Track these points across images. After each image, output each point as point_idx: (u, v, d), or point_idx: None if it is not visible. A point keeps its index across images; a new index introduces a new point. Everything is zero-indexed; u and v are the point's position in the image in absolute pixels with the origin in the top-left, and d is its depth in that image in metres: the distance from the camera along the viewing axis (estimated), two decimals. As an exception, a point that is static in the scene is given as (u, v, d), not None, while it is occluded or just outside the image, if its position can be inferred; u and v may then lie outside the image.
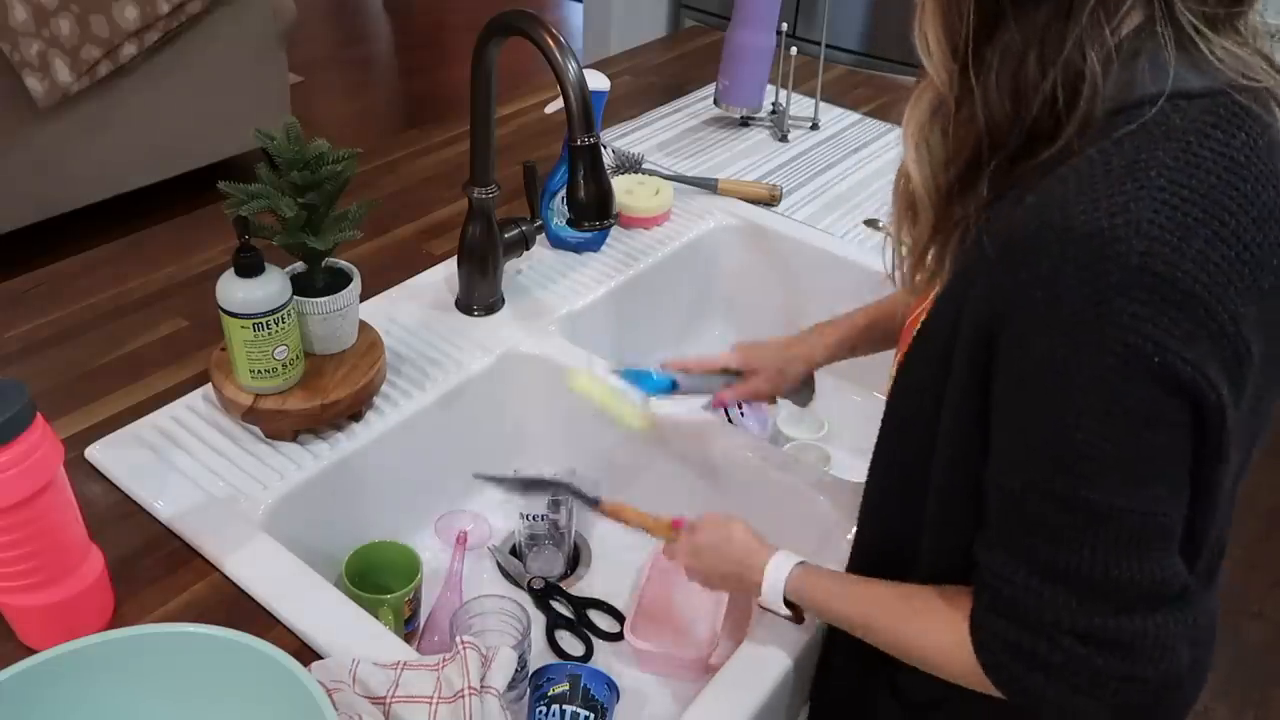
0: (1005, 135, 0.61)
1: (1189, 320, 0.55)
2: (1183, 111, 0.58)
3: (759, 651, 0.84)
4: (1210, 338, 0.56)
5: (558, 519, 1.08)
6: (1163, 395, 0.57)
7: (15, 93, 2.58)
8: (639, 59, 1.92)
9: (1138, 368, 0.56)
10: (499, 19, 0.97)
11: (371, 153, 1.51)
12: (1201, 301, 0.55)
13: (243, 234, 0.89)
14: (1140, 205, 0.55)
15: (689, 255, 1.38)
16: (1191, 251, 0.55)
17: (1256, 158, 0.58)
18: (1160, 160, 0.56)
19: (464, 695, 0.73)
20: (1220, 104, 0.59)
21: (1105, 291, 0.55)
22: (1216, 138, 0.57)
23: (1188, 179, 0.56)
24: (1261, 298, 0.58)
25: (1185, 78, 0.58)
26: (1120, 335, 0.55)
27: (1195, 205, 0.56)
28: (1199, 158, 0.57)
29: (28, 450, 0.69)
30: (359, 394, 0.99)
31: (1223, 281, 0.56)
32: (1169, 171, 0.56)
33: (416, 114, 4.06)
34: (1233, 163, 0.57)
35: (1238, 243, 0.56)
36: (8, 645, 0.79)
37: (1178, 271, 0.55)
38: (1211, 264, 0.55)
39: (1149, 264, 0.54)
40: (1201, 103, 0.58)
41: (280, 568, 0.86)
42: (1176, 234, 0.55)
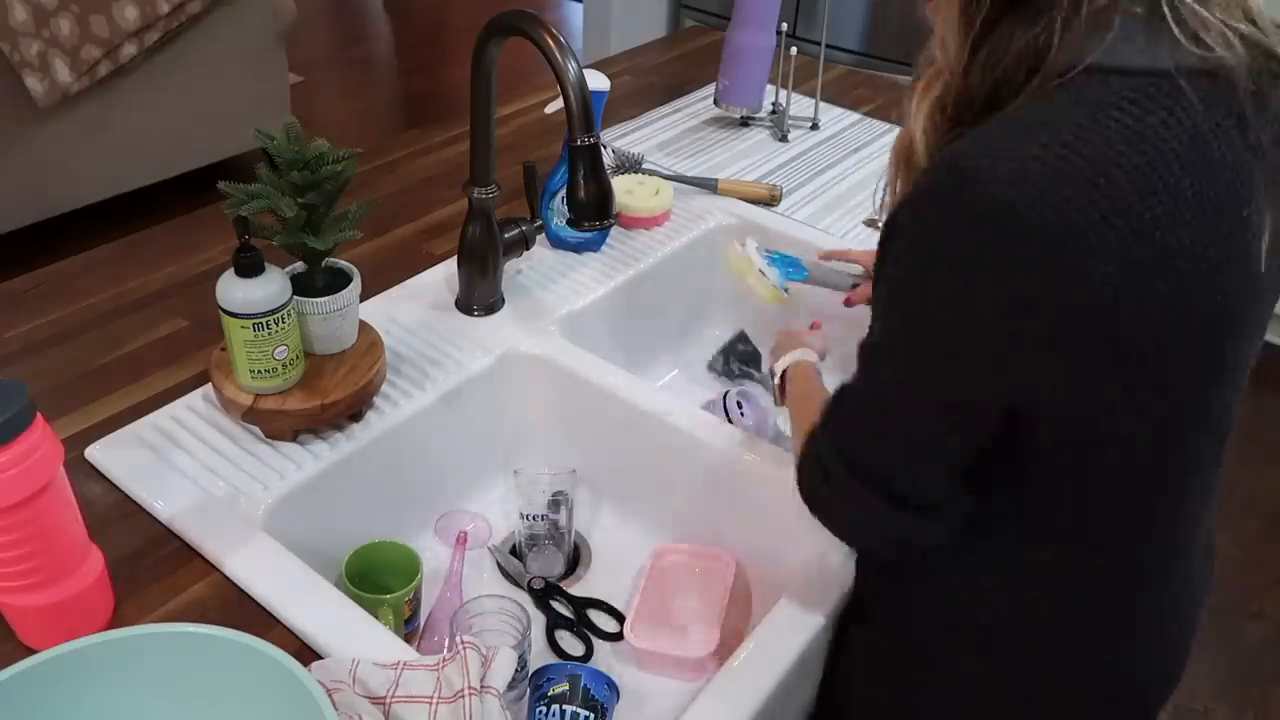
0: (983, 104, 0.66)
1: (1032, 258, 0.59)
2: (1108, 85, 0.61)
3: (759, 651, 0.84)
4: (1052, 280, 0.60)
5: (558, 519, 1.08)
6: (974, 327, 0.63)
7: (15, 93, 2.58)
8: (639, 59, 1.92)
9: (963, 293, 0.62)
10: (499, 19, 0.97)
11: (371, 153, 1.51)
12: (1051, 245, 0.59)
13: (243, 234, 0.89)
14: (1018, 153, 0.60)
15: (689, 255, 1.38)
16: (1054, 199, 0.58)
17: (1168, 135, 0.60)
18: (1059, 121, 0.60)
19: (464, 695, 0.73)
20: (1153, 83, 0.61)
21: (956, 221, 0.61)
22: (1130, 111, 0.60)
23: (1074, 140, 0.59)
24: (1134, 265, 0.60)
25: (1127, 54, 0.61)
26: (957, 262, 0.62)
27: (1070, 164, 0.59)
28: (1099, 125, 0.60)
29: (28, 450, 0.69)
30: (359, 394, 0.99)
31: (1082, 233, 0.59)
32: (1058, 133, 0.60)
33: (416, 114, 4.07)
34: (1134, 135, 0.60)
35: (1109, 206, 0.59)
36: (8, 645, 0.79)
37: (1031, 211, 0.59)
38: (1074, 214, 0.59)
39: (1003, 200, 0.59)
40: (1131, 80, 0.61)
41: (280, 568, 0.86)
42: (1041, 184, 0.59)
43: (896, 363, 0.69)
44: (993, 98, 0.65)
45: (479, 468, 1.17)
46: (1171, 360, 0.65)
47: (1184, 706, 1.93)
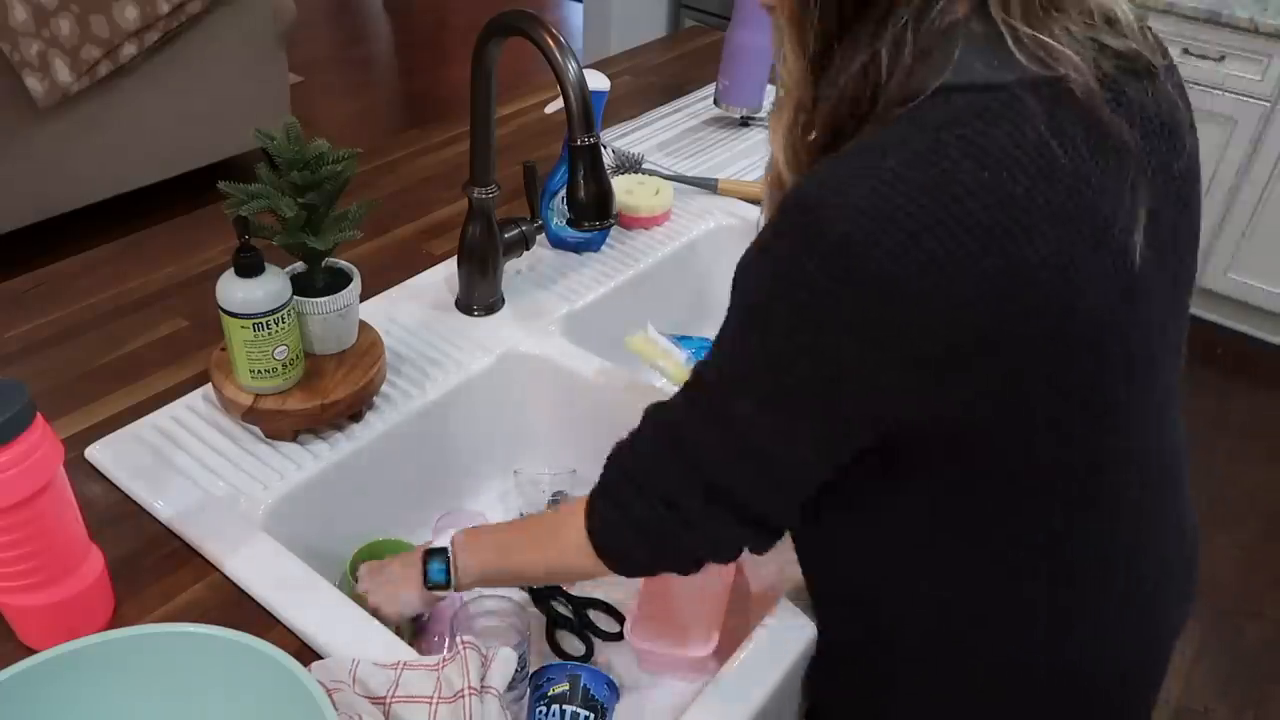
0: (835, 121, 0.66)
1: (869, 301, 0.59)
2: (950, 103, 0.61)
3: (759, 651, 0.84)
4: (892, 324, 0.60)
5: (558, 519, 1.08)
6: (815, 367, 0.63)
7: (15, 93, 2.58)
8: (639, 59, 1.92)
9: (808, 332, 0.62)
10: (499, 19, 0.97)
11: (371, 153, 1.51)
12: (889, 283, 0.58)
13: (243, 234, 0.89)
14: (857, 186, 0.59)
15: (689, 255, 1.38)
16: (897, 236, 0.58)
17: (1012, 147, 0.60)
18: (898, 147, 0.60)
19: (464, 695, 0.73)
20: (994, 97, 0.61)
21: (800, 253, 0.61)
22: (973, 126, 0.60)
23: (913, 167, 0.59)
24: (987, 278, 0.60)
25: (971, 72, 0.61)
26: (802, 300, 0.61)
27: (908, 196, 0.58)
28: (941, 145, 0.59)
29: (28, 450, 0.69)
30: (359, 394, 0.99)
31: (923, 266, 0.58)
32: (899, 160, 0.59)
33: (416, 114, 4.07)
34: (978, 150, 0.59)
35: (955, 225, 0.58)
36: (8, 645, 0.79)
37: (872, 252, 0.58)
38: (912, 251, 0.58)
39: (846, 245, 0.59)
40: (972, 96, 0.61)
41: (280, 568, 0.86)
42: (880, 219, 0.58)
43: (749, 393, 0.68)
44: (846, 122, 0.65)
45: (479, 468, 1.17)
46: (1050, 367, 0.64)
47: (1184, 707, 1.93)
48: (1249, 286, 2.79)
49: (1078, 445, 0.70)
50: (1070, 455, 0.70)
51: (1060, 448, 0.69)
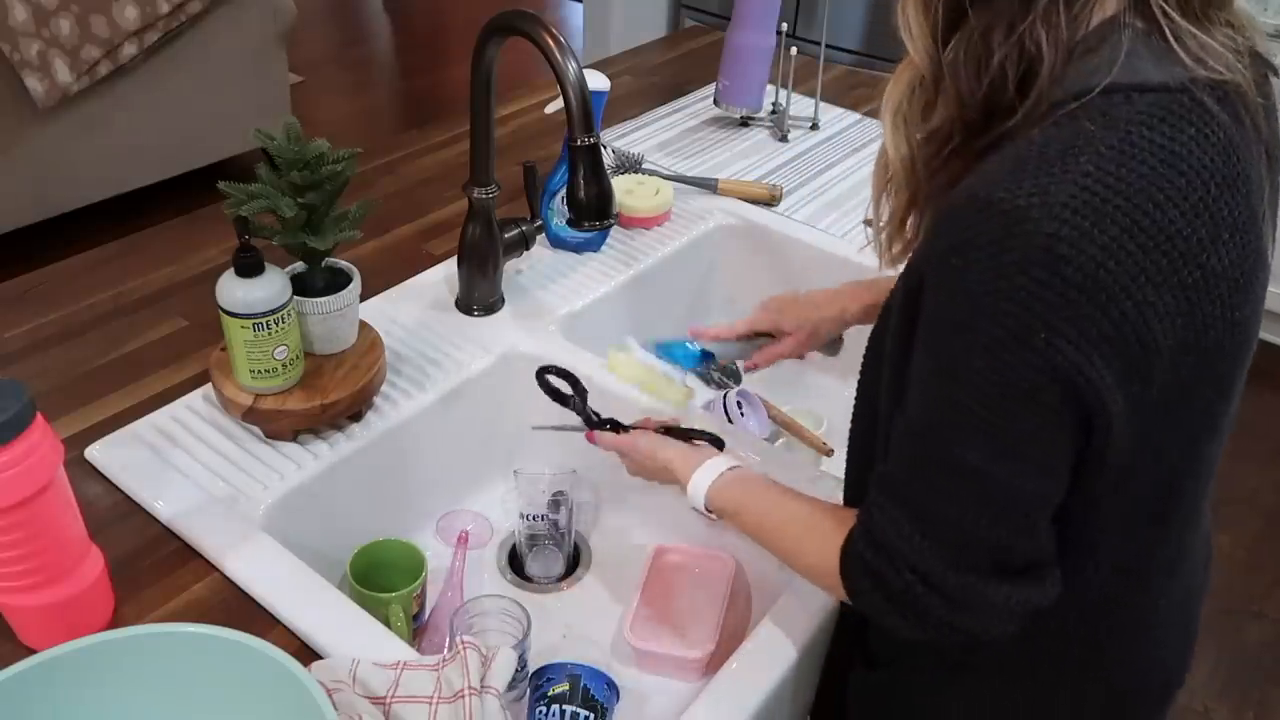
0: (970, 112, 0.63)
1: (1087, 304, 0.57)
2: (1132, 103, 0.59)
3: (759, 651, 0.84)
4: (1109, 323, 0.57)
5: (558, 519, 1.08)
6: (1042, 376, 0.59)
7: (15, 93, 2.58)
8: (639, 59, 1.92)
9: (1025, 344, 0.58)
10: (499, 19, 0.97)
11: (371, 153, 1.51)
12: (1103, 287, 0.56)
13: (243, 234, 0.89)
14: (1059, 188, 0.56)
15: (689, 255, 1.38)
16: (1102, 239, 0.56)
17: (1201, 153, 0.59)
18: (1093, 147, 0.57)
19: (464, 695, 0.73)
20: (1176, 99, 0.59)
21: (1008, 266, 0.57)
22: (1161, 130, 0.58)
23: (1117, 168, 0.57)
24: (1183, 289, 0.59)
25: (1143, 70, 0.59)
26: (1014, 310, 0.57)
27: (1118, 194, 0.56)
28: (1135, 148, 0.57)
29: (28, 450, 0.69)
30: (359, 394, 0.99)
31: (1133, 270, 0.57)
32: (1099, 159, 0.57)
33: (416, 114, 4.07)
34: (1172, 155, 0.58)
35: (1159, 233, 0.57)
36: (8, 645, 0.79)
37: (1082, 256, 0.56)
38: (1124, 251, 0.56)
39: (1054, 246, 0.56)
40: (1155, 96, 0.59)
41: (280, 568, 0.86)
42: (1090, 219, 0.56)
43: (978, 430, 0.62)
44: (988, 115, 0.63)
45: (479, 468, 1.17)
46: (1209, 378, 0.65)
47: (1184, 706, 1.93)
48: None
49: (1190, 454, 0.69)
50: (1184, 464, 0.69)
51: (1180, 456, 0.68)
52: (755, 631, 0.86)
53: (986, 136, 0.63)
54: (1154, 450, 0.66)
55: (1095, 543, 0.71)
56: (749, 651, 0.84)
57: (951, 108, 0.64)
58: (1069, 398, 0.60)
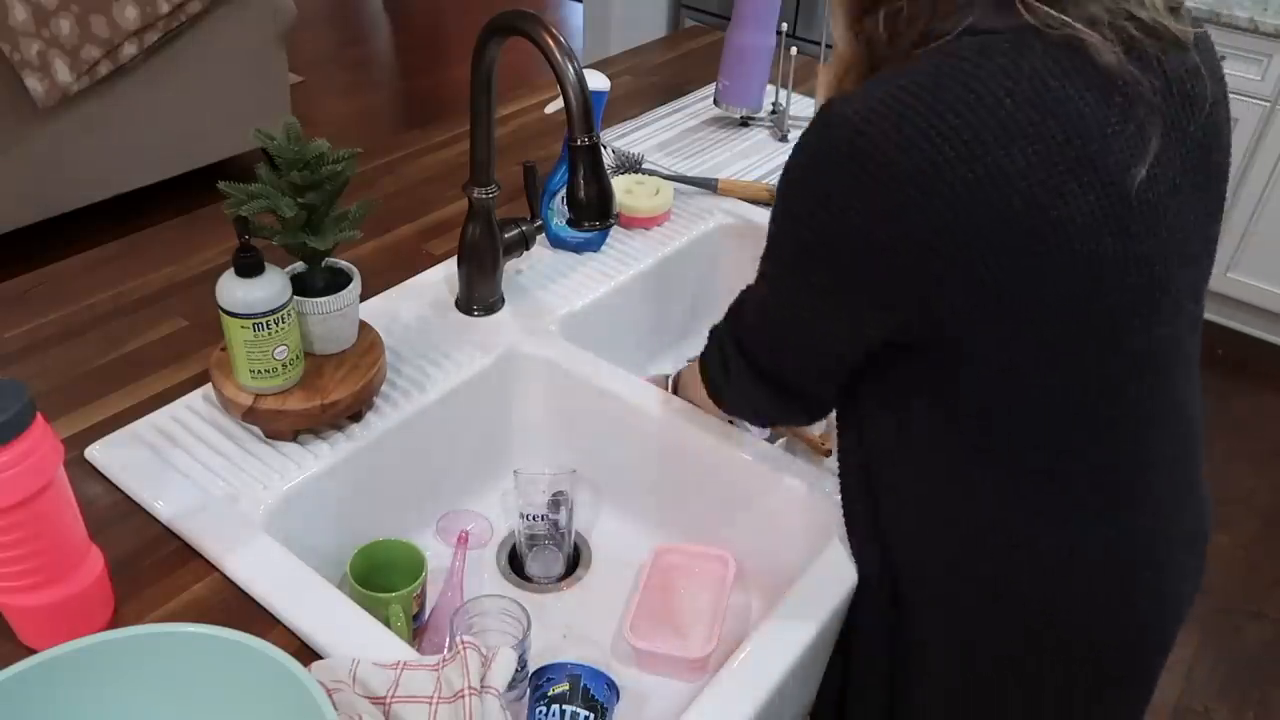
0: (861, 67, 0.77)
1: (876, 185, 0.68)
2: (960, 42, 0.69)
3: (759, 651, 0.84)
4: (893, 202, 0.68)
5: (558, 519, 1.08)
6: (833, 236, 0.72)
7: (15, 93, 2.58)
8: (639, 59, 1.92)
9: (823, 208, 0.71)
10: (499, 19, 0.97)
11: (371, 153, 1.51)
12: (893, 175, 0.67)
13: (243, 234, 0.89)
14: (873, 99, 0.68)
15: (689, 255, 1.38)
16: (898, 135, 0.67)
17: (1005, 77, 0.67)
18: (914, 72, 0.69)
19: (464, 695, 0.73)
20: (1001, 38, 0.69)
21: (820, 152, 0.71)
22: (973, 60, 0.68)
23: (922, 85, 0.68)
24: (965, 185, 0.67)
25: (988, 21, 0.70)
26: (818, 184, 0.71)
27: (920, 102, 0.67)
28: (941, 71, 0.68)
29: (28, 450, 0.69)
30: (359, 394, 0.99)
31: (921, 163, 0.67)
32: (910, 79, 0.68)
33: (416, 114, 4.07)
34: (973, 77, 0.67)
35: (950, 133, 0.66)
36: (8, 645, 0.79)
37: (874, 147, 0.67)
38: (916, 149, 0.66)
39: (856, 136, 0.68)
40: (980, 37, 0.69)
41: (280, 568, 0.86)
42: (889, 119, 0.67)
43: (785, 285, 0.81)
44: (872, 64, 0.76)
45: (479, 468, 1.17)
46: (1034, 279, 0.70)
47: (1184, 706, 1.93)
48: (1249, 286, 2.79)
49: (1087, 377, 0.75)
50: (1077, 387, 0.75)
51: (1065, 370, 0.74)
52: (755, 631, 0.86)
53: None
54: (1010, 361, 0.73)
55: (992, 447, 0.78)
56: (749, 651, 0.84)
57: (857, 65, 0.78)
58: (854, 259, 0.72)
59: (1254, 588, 2.16)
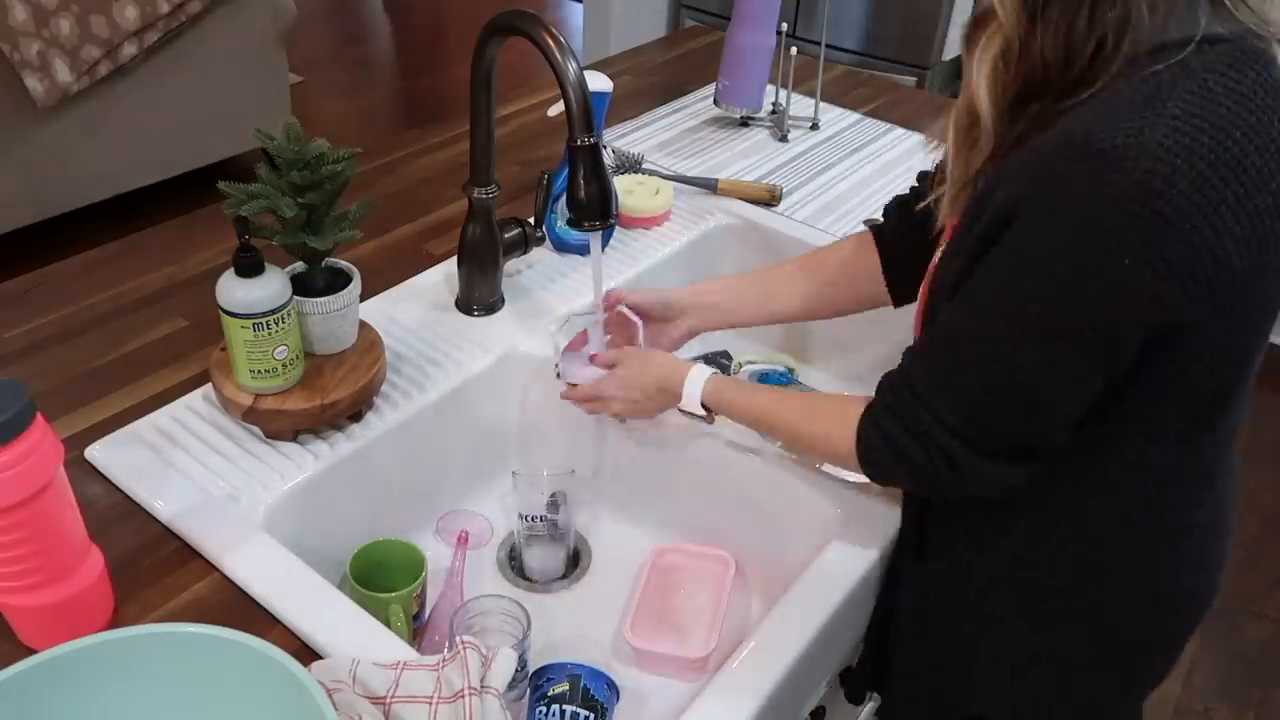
0: (1057, 75, 0.69)
1: (1172, 233, 0.64)
2: (1204, 54, 0.66)
3: (759, 651, 0.84)
4: (1188, 248, 0.65)
5: (557, 519, 1.08)
6: (1117, 300, 0.68)
7: (15, 93, 2.58)
8: (639, 59, 1.92)
9: (1109, 269, 0.66)
10: (499, 19, 0.97)
11: (371, 153, 1.51)
12: (1187, 217, 0.64)
13: (243, 234, 0.89)
14: (1153, 130, 0.64)
15: (689, 255, 1.38)
16: (1191, 173, 0.64)
17: (1264, 93, 0.66)
18: (1177, 94, 0.65)
19: (464, 695, 0.73)
20: (1238, 48, 0.67)
21: (1106, 197, 0.65)
22: (1231, 75, 0.66)
23: (1199, 109, 0.64)
24: (1257, 214, 0.66)
25: (1209, 26, 0.67)
26: (1105, 239, 0.66)
27: (1203, 132, 0.64)
28: (1212, 92, 0.65)
29: (28, 450, 0.69)
30: (359, 394, 0.99)
31: (1215, 200, 0.64)
32: (1183, 104, 0.65)
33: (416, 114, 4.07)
34: (1241, 97, 0.65)
35: (1236, 165, 0.65)
36: (8, 645, 0.79)
37: (1173, 190, 0.63)
38: (1209, 184, 0.64)
39: (1149, 181, 0.63)
40: (1222, 47, 0.67)
41: (280, 568, 0.86)
42: (1181, 156, 0.63)
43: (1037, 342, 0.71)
44: (1067, 71, 0.69)
45: (479, 468, 1.17)
46: (1264, 297, 0.72)
47: (1184, 706, 1.93)
48: None
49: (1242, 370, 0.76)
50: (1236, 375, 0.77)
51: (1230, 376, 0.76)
52: (755, 631, 0.86)
53: (1070, 99, 0.69)
54: (1211, 365, 0.73)
55: (1146, 451, 0.78)
56: (749, 651, 0.84)
57: (1037, 71, 0.70)
58: (1136, 321, 0.68)
59: (1254, 588, 2.16)
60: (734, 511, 1.07)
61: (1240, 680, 1.98)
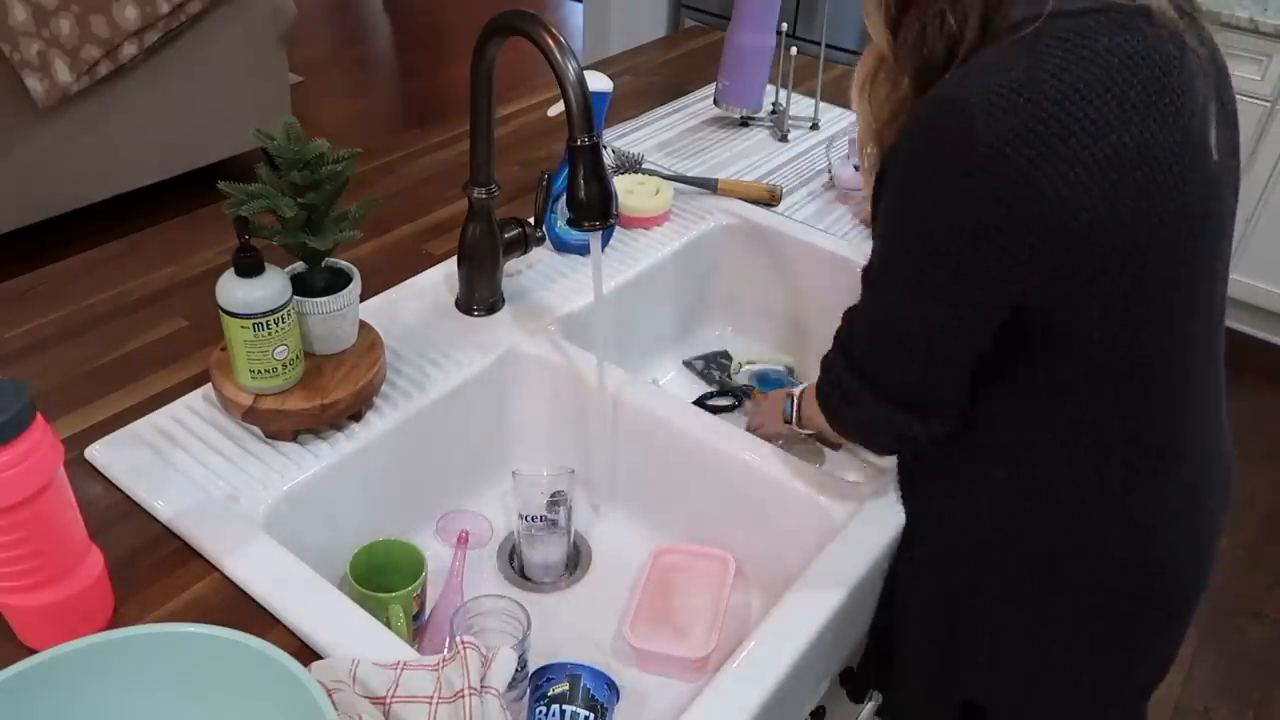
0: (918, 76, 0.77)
1: (999, 174, 0.69)
2: (1055, 24, 0.70)
3: (759, 651, 0.84)
4: (1017, 191, 0.69)
5: (557, 519, 1.08)
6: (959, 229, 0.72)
7: (15, 93, 2.58)
8: (639, 59, 1.92)
9: (947, 202, 0.72)
10: (499, 19, 0.97)
11: (371, 153, 1.51)
12: (1012, 162, 0.68)
13: (243, 234, 0.89)
14: (984, 84, 0.69)
15: (689, 255, 1.38)
16: (1015, 120, 0.68)
17: (1110, 55, 0.69)
18: (1015, 55, 0.70)
19: (464, 695, 0.73)
20: (1097, 18, 0.71)
21: (941, 142, 0.71)
22: (1075, 40, 0.70)
23: (1034, 69, 0.69)
24: (1095, 165, 0.69)
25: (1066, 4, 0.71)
26: (939, 174, 0.71)
27: (1030, 87, 0.68)
28: (1047, 48, 0.69)
29: (28, 450, 0.69)
30: (359, 394, 0.99)
31: (1044, 148, 0.68)
32: (1013, 60, 0.69)
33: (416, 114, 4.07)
34: (1082, 59, 0.69)
35: (1069, 118, 0.68)
36: (8, 645, 0.79)
37: (995, 129, 0.68)
38: (1034, 134, 0.68)
39: (975, 127, 0.69)
40: (1084, 19, 0.71)
41: (280, 568, 0.86)
42: (1005, 101, 0.68)
43: (898, 283, 0.79)
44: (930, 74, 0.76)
45: (479, 468, 1.17)
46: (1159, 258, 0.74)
47: (1184, 706, 1.93)
48: (1249, 286, 2.79)
49: (1162, 330, 0.78)
50: (1159, 344, 0.79)
51: (1150, 336, 0.78)
52: (755, 631, 0.86)
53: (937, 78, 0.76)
54: (1112, 329, 0.76)
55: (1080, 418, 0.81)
56: (749, 651, 0.84)
57: (906, 75, 0.78)
58: (980, 252, 0.72)
59: (1254, 588, 2.16)
60: (734, 511, 1.07)
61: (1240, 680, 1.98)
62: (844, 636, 0.98)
